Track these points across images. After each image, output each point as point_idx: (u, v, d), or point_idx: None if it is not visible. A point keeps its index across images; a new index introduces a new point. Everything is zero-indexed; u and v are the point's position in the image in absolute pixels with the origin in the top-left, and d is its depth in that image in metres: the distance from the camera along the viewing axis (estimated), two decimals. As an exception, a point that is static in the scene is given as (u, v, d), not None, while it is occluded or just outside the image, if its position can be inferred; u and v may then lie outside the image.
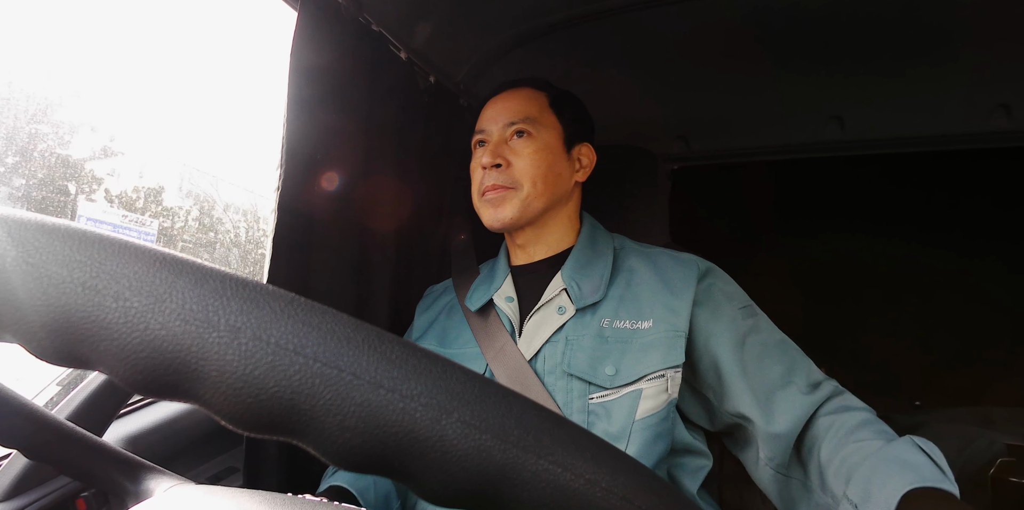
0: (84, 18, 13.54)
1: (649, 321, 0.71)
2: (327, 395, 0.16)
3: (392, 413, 0.17)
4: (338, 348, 0.17)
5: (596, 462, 0.18)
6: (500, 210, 0.76)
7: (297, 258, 0.76)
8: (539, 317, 0.74)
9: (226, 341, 0.16)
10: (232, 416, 0.17)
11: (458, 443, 0.17)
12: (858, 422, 0.62)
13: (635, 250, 0.80)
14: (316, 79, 0.75)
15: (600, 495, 0.18)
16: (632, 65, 1.13)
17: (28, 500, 0.61)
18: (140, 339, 0.16)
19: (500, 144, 0.77)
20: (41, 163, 5.02)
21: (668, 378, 0.69)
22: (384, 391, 0.17)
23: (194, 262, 0.18)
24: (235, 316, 0.17)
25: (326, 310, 0.18)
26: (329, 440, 0.17)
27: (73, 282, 0.17)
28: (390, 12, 0.90)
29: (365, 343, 0.17)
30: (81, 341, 0.17)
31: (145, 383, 0.17)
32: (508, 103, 0.79)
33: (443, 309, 0.85)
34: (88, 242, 0.17)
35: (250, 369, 0.16)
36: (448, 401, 0.17)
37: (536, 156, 0.76)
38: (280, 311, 0.17)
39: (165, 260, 0.18)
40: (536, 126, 0.77)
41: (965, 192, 1.46)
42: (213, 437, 0.86)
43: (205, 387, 0.17)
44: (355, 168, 0.84)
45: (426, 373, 0.18)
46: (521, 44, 1.05)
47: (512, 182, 0.75)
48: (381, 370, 0.17)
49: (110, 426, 0.71)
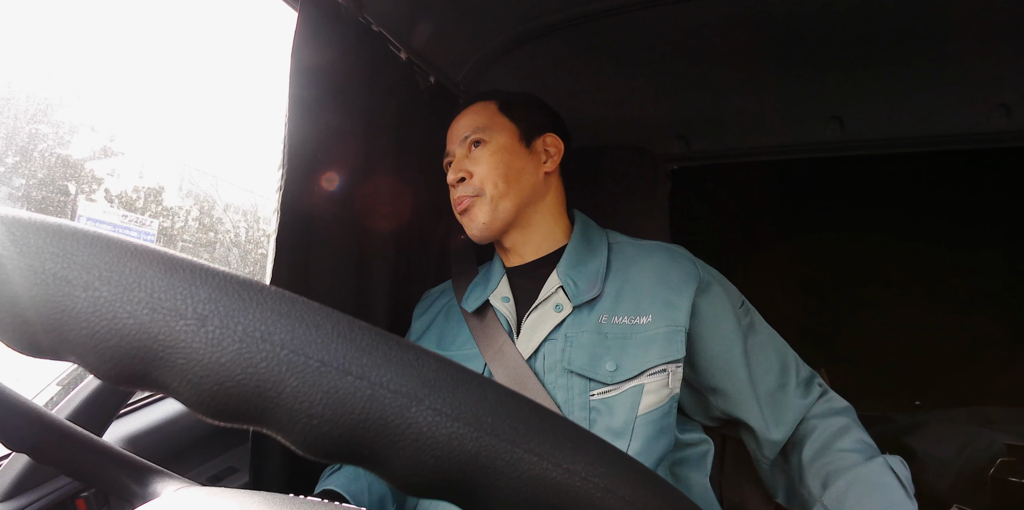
0: (84, 17, 13.56)
1: (648, 316, 0.71)
2: (293, 382, 0.16)
3: (360, 400, 0.16)
4: (306, 335, 0.17)
5: (576, 451, 0.18)
6: (472, 218, 0.78)
7: (299, 258, 0.76)
8: (536, 315, 0.74)
9: (193, 329, 0.16)
10: (200, 404, 0.17)
11: (428, 431, 0.17)
12: (839, 428, 0.70)
13: (628, 244, 0.81)
14: (317, 79, 0.75)
15: (580, 485, 0.17)
16: (632, 65, 1.13)
17: (28, 500, 0.61)
18: (108, 328, 0.16)
19: (461, 159, 0.80)
20: (41, 163, 5.03)
21: (670, 373, 0.70)
22: (352, 378, 0.17)
23: (165, 252, 0.18)
24: (203, 304, 0.17)
25: (296, 298, 0.18)
26: (297, 428, 0.17)
27: (45, 273, 0.17)
28: (390, 12, 0.90)
29: (335, 331, 0.17)
30: (51, 331, 0.17)
31: (115, 372, 0.17)
32: (461, 120, 0.83)
33: (440, 311, 0.86)
34: (61, 234, 0.17)
35: (216, 356, 0.16)
36: (419, 389, 0.17)
37: (492, 159, 0.78)
38: (248, 299, 0.17)
39: (136, 251, 0.17)
40: (488, 133, 0.79)
41: (965, 192, 1.46)
42: (213, 437, 0.86)
43: (172, 375, 0.16)
44: (355, 168, 0.84)
45: (397, 360, 0.17)
46: (521, 44, 1.05)
47: (475, 190, 0.78)
48: (350, 357, 0.17)
49: (110, 426, 0.71)
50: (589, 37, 1.03)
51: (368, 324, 0.18)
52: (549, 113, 0.86)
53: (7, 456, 0.65)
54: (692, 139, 1.46)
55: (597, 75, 1.17)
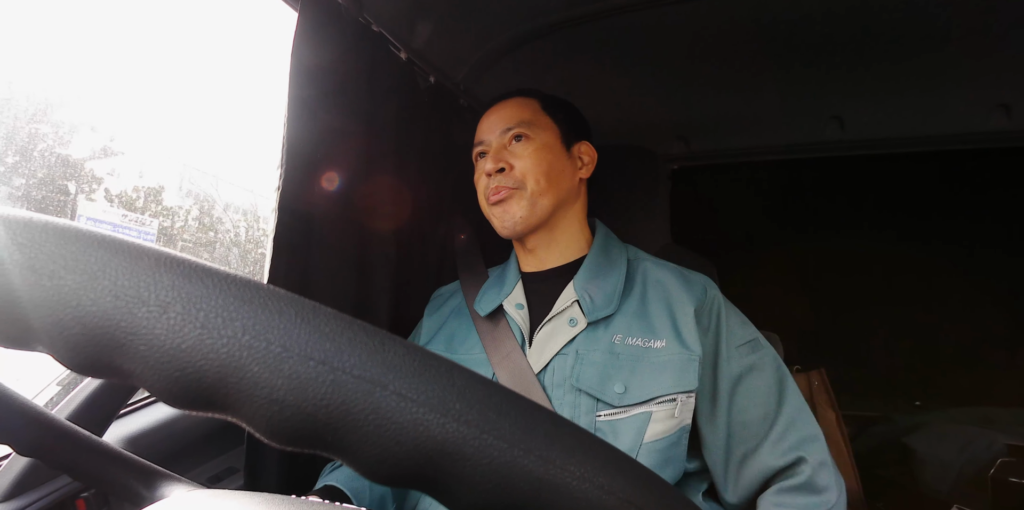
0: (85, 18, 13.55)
1: (662, 340, 0.69)
2: (255, 368, 0.16)
3: (322, 386, 0.16)
4: (268, 321, 0.17)
5: (549, 438, 0.17)
6: (508, 211, 0.76)
7: (298, 257, 0.76)
8: (550, 328, 0.73)
9: (155, 316, 0.16)
10: (164, 392, 0.17)
11: (393, 416, 0.16)
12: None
13: (649, 263, 0.79)
14: (316, 79, 0.75)
15: (554, 473, 0.17)
16: (632, 65, 1.13)
17: (28, 500, 0.61)
18: (72, 315, 0.16)
19: (500, 150, 0.78)
20: (41, 162, 5.02)
21: (679, 403, 0.68)
22: (314, 363, 0.16)
23: (132, 242, 0.18)
24: (166, 291, 0.17)
25: (261, 286, 0.18)
26: (259, 414, 0.16)
27: (11, 263, 0.17)
28: (390, 12, 0.90)
29: (297, 316, 0.17)
30: (18, 320, 0.17)
31: (80, 361, 0.17)
32: (502, 112, 0.81)
33: (452, 312, 0.85)
34: (29, 225, 0.18)
35: (177, 342, 0.16)
36: (383, 374, 0.17)
37: (536, 155, 0.76)
38: (212, 286, 0.17)
39: (103, 241, 0.18)
40: (532, 128, 0.78)
41: (965, 191, 1.46)
42: (213, 437, 0.86)
43: (136, 362, 0.16)
44: (355, 168, 0.84)
45: (361, 346, 0.17)
46: (521, 44, 1.05)
47: (516, 183, 0.76)
48: (312, 343, 0.17)
49: (110, 426, 0.71)
50: (589, 37, 1.03)
51: (334, 310, 0.18)
52: (584, 120, 0.86)
53: (7, 456, 0.65)
54: (692, 139, 1.46)
55: (597, 75, 1.17)
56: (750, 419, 0.69)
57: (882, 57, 1.03)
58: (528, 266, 0.82)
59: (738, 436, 0.69)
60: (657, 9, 0.94)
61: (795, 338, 0.79)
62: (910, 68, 1.05)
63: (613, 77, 1.18)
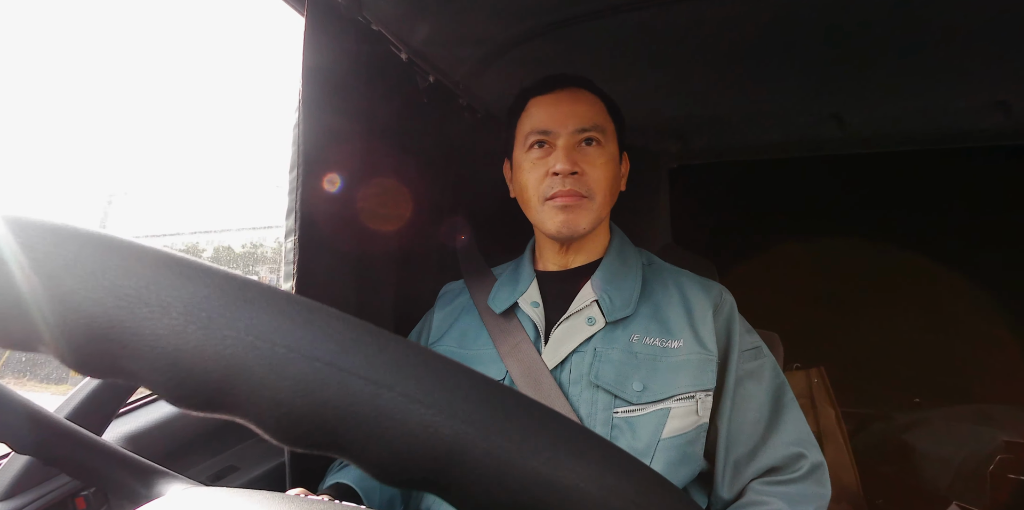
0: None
1: (679, 340, 0.71)
2: (259, 369, 0.16)
3: (328, 387, 0.16)
4: (271, 322, 0.17)
5: (557, 440, 0.17)
6: (575, 219, 0.73)
7: (320, 257, 0.77)
8: (568, 325, 0.73)
9: (157, 316, 0.16)
10: (169, 393, 0.17)
11: (400, 418, 0.16)
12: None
13: (662, 269, 0.80)
14: (323, 81, 0.75)
15: (563, 474, 0.17)
16: (630, 64, 1.13)
17: (28, 499, 0.61)
18: (74, 316, 0.16)
19: (572, 151, 0.73)
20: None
21: (698, 400, 0.69)
22: (320, 364, 0.16)
23: (133, 242, 0.18)
24: (167, 292, 0.17)
25: (263, 286, 0.18)
26: (265, 415, 0.16)
27: (16, 265, 0.17)
28: (390, 11, 0.90)
29: (300, 317, 0.17)
30: (19, 321, 0.17)
31: (83, 361, 0.17)
32: (575, 107, 0.75)
33: (463, 308, 0.85)
34: (33, 227, 0.18)
35: (181, 344, 0.16)
36: (389, 375, 0.17)
37: (607, 167, 0.74)
38: (214, 287, 0.17)
39: (105, 241, 0.17)
40: (606, 135, 0.75)
41: (964, 190, 1.46)
42: (213, 436, 0.86)
43: (139, 364, 0.16)
44: (357, 168, 0.84)
45: (366, 346, 0.17)
46: (521, 44, 1.05)
47: (588, 191, 0.73)
48: (317, 343, 0.17)
49: (110, 425, 0.71)
50: (588, 36, 1.03)
51: (336, 310, 0.18)
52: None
53: (7, 455, 0.65)
54: (691, 138, 1.46)
55: (596, 74, 1.17)
56: (747, 422, 0.71)
57: (880, 55, 1.03)
58: (550, 266, 0.81)
59: (735, 438, 0.71)
60: (656, 8, 0.94)
61: (795, 337, 0.79)
62: (908, 66, 1.06)
63: (612, 76, 1.18)
